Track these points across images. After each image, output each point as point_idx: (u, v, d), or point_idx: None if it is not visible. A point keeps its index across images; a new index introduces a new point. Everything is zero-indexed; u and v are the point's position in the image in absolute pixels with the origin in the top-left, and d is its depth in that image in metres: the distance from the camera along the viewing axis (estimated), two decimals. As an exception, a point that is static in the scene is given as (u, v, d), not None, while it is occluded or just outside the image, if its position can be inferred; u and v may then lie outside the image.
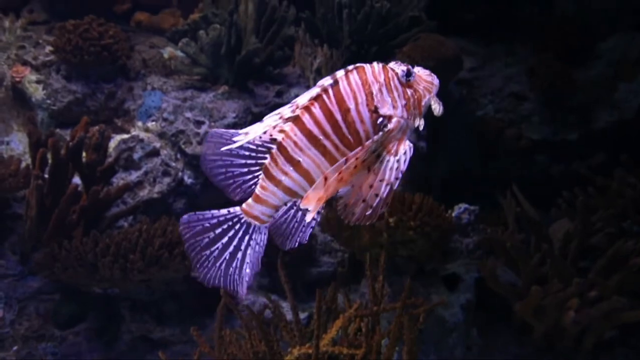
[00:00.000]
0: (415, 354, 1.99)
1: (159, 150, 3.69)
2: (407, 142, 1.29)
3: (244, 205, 1.38)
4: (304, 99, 1.26)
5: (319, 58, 3.81)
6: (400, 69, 1.30)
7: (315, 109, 1.26)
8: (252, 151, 1.33)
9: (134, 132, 3.77)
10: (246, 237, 1.39)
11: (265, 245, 1.40)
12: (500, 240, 3.18)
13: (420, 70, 1.33)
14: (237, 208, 1.39)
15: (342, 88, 1.26)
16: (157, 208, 3.64)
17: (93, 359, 3.15)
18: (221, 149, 1.32)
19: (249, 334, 2.26)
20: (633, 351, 3.14)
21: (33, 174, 3.00)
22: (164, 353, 2.18)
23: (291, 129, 1.27)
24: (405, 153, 1.28)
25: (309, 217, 1.29)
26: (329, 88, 1.26)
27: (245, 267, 1.40)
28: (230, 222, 1.39)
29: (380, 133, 1.26)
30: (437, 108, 1.34)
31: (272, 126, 1.26)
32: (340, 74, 1.27)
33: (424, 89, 1.32)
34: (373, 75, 1.28)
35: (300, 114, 1.26)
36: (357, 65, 1.29)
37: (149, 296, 3.19)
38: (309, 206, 1.25)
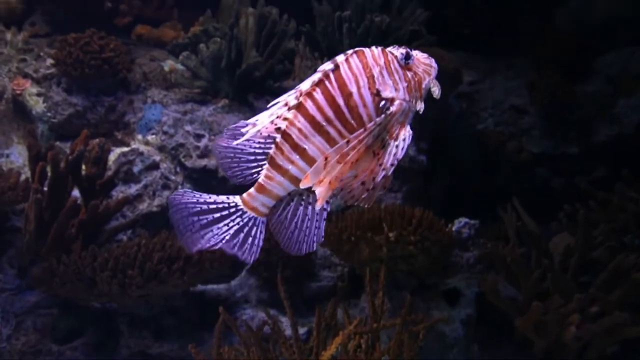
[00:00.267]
0: (415, 372, 1.97)
1: (158, 163, 3.68)
2: (408, 128, 1.27)
3: (245, 195, 1.33)
4: (306, 84, 1.25)
5: (319, 71, 3.82)
6: (399, 51, 1.28)
7: (318, 95, 1.24)
8: (260, 142, 1.31)
9: (134, 145, 3.77)
10: (244, 229, 1.34)
11: (263, 240, 1.36)
12: (501, 254, 3.16)
13: (418, 53, 1.31)
14: (237, 197, 1.35)
15: (343, 72, 1.25)
16: (157, 221, 3.63)
17: (91, 374, 3.12)
18: (231, 141, 1.32)
19: (248, 351, 2.24)
20: (635, 367, 3.11)
21: (32, 187, 3.00)
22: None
23: (294, 116, 1.25)
24: (405, 140, 1.26)
25: (318, 205, 1.24)
26: (330, 73, 1.25)
27: (245, 250, 1.36)
28: (227, 211, 1.34)
29: (382, 116, 1.25)
30: (437, 91, 1.30)
31: (278, 114, 1.26)
32: (341, 58, 1.26)
33: (424, 72, 1.30)
34: (373, 58, 1.26)
35: (302, 100, 1.25)
36: (357, 49, 1.27)
37: (147, 311, 3.17)
38: (307, 185, 1.23)
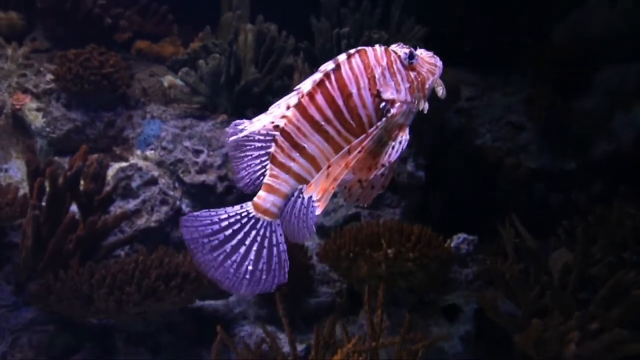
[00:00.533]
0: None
1: (157, 178, 3.69)
2: (407, 130, 1.27)
3: (255, 199, 1.31)
4: (307, 85, 1.25)
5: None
6: (403, 51, 1.27)
7: (317, 95, 1.24)
8: (262, 141, 1.31)
9: (132, 161, 3.77)
10: (258, 238, 1.32)
11: (285, 245, 1.34)
12: (500, 271, 3.16)
13: (422, 52, 1.30)
14: (248, 204, 1.33)
15: (344, 72, 1.24)
16: (155, 237, 3.63)
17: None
18: (231, 139, 1.31)
19: (246, 370, 2.22)
20: (635, 385, 3.09)
21: (30, 203, 2.99)
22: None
23: (293, 114, 1.25)
24: (401, 142, 1.25)
25: (318, 211, 1.25)
26: (331, 73, 1.24)
27: (273, 268, 1.33)
28: (240, 222, 1.31)
29: (383, 119, 1.24)
30: (441, 90, 1.29)
31: (279, 115, 1.26)
32: (342, 57, 1.25)
33: (428, 71, 1.28)
34: (375, 58, 1.25)
35: (302, 100, 1.25)
36: (359, 48, 1.27)
37: (144, 328, 3.15)
38: (311, 194, 1.24)
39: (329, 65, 1.25)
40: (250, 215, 1.31)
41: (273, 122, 1.26)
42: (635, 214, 3.46)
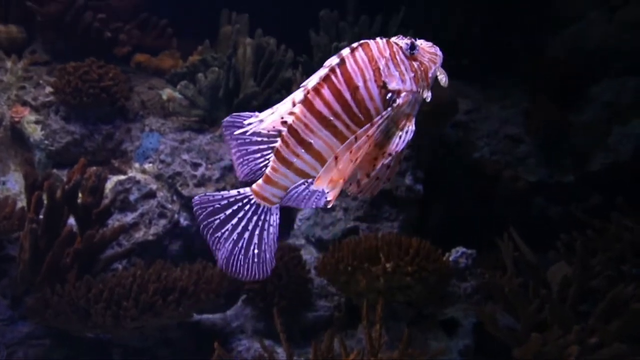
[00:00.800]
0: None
1: (155, 192, 3.68)
2: (413, 121, 1.26)
3: (254, 186, 1.36)
4: (313, 80, 1.25)
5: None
6: (404, 42, 1.28)
7: (324, 90, 1.25)
8: (265, 135, 1.33)
9: (130, 174, 3.77)
10: (254, 218, 1.37)
11: (278, 225, 1.38)
12: (499, 285, 3.15)
13: (422, 42, 1.31)
14: (247, 189, 1.37)
15: (349, 66, 1.24)
16: (153, 250, 3.62)
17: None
18: (235, 133, 1.33)
19: (243, 385, 2.20)
20: (635, 399, 3.07)
21: (28, 217, 2.99)
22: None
23: (301, 111, 1.26)
24: (407, 132, 1.25)
25: (330, 205, 1.26)
26: (336, 67, 1.25)
27: (264, 250, 1.38)
28: (240, 203, 1.37)
29: (389, 109, 1.25)
30: (443, 78, 1.30)
31: (285, 112, 1.26)
32: (346, 52, 1.26)
33: (429, 61, 1.29)
34: (378, 50, 1.26)
35: (309, 95, 1.25)
36: (362, 41, 1.27)
37: (142, 342, 3.13)
38: (321, 187, 1.24)
39: (333, 60, 1.25)
40: (250, 197, 1.37)
41: (282, 119, 1.28)
42: (634, 227, 3.46)
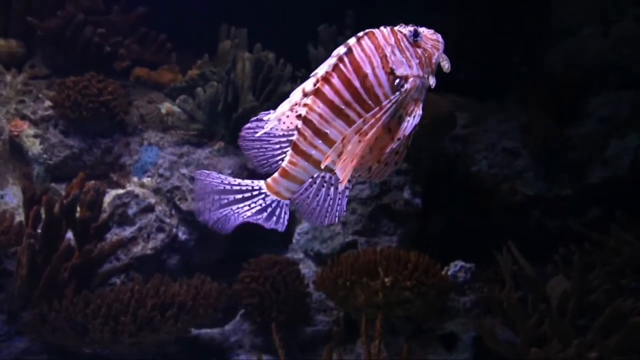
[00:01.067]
0: None
1: (153, 206, 3.68)
2: (421, 106, 1.30)
3: (269, 180, 1.37)
4: (322, 70, 1.28)
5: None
6: (407, 29, 1.31)
7: (334, 79, 1.27)
8: (283, 131, 1.34)
9: (129, 188, 3.77)
10: (265, 210, 1.39)
11: (287, 222, 1.40)
12: (498, 299, 3.14)
13: (424, 30, 1.34)
14: (261, 182, 1.38)
15: (357, 54, 1.27)
16: (151, 264, 3.61)
17: None
18: (254, 133, 1.35)
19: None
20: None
21: (25, 232, 2.98)
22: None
23: (313, 101, 1.28)
24: (414, 117, 1.29)
25: (341, 186, 1.29)
26: (344, 56, 1.27)
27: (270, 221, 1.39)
28: (250, 193, 1.39)
29: (397, 93, 1.27)
30: (446, 65, 1.33)
31: (297, 102, 1.29)
32: (353, 41, 1.28)
33: (432, 47, 1.32)
34: (384, 38, 1.29)
35: (320, 85, 1.28)
36: (367, 30, 1.30)
37: (140, 357, 3.10)
38: (329, 163, 1.27)
39: (341, 50, 1.28)
40: (262, 190, 1.38)
41: (294, 111, 1.30)
42: (632, 241, 3.46)
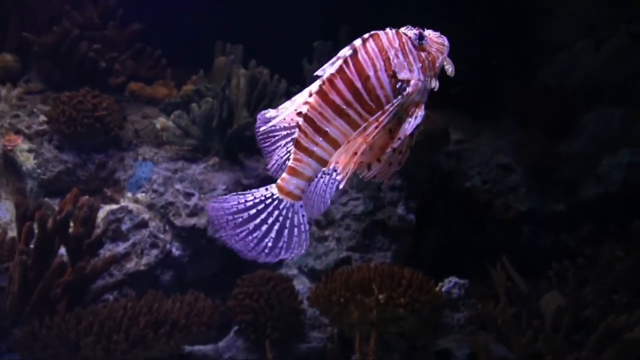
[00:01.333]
0: None
1: (147, 221, 3.67)
2: (422, 108, 1.32)
3: (279, 181, 1.38)
4: (327, 72, 1.30)
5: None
6: (413, 32, 1.33)
7: (337, 80, 1.30)
8: (287, 129, 1.37)
9: (123, 203, 3.76)
10: (280, 218, 1.39)
11: (307, 226, 1.40)
12: (492, 315, 3.14)
13: (430, 32, 1.36)
14: (272, 186, 1.39)
15: (361, 56, 1.30)
16: (144, 280, 3.59)
17: None
18: (260, 129, 1.38)
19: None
20: None
21: (18, 248, 2.96)
22: None
23: (315, 100, 1.31)
24: (417, 117, 1.31)
25: (342, 185, 1.31)
26: (349, 58, 1.30)
27: (291, 244, 1.40)
28: (264, 204, 1.39)
29: (399, 97, 1.30)
30: (450, 68, 1.36)
31: (302, 103, 1.31)
32: (358, 42, 1.31)
33: (437, 51, 1.35)
34: (388, 41, 1.31)
35: (323, 86, 1.31)
36: (372, 32, 1.32)
37: (131, 375, 3.08)
38: (333, 167, 1.29)
39: (346, 51, 1.30)
40: (274, 196, 1.38)
41: (297, 110, 1.32)
42: (625, 256, 3.47)
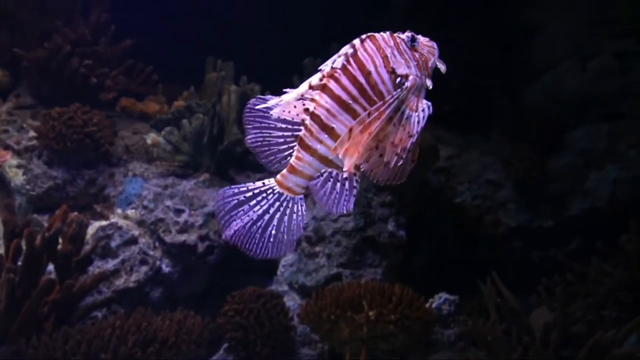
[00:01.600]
0: None
1: (137, 238, 3.66)
2: (425, 101, 1.37)
3: (279, 176, 1.42)
4: (328, 67, 1.35)
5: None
6: (405, 35, 1.41)
7: (340, 76, 1.34)
8: (289, 123, 1.40)
9: (112, 220, 3.74)
10: (277, 206, 1.43)
11: (305, 214, 1.44)
12: (482, 332, 3.15)
13: (420, 37, 1.44)
14: (272, 180, 1.43)
15: (360, 54, 1.36)
16: (133, 297, 3.56)
17: None
18: (256, 107, 1.41)
19: None
20: None
21: (5, 266, 2.93)
22: None
23: (321, 97, 1.34)
24: (424, 110, 1.36)
25: (345, 174, 1.34)
26: (350, 55, 1.35)
27: (285, 235, 1.44)
28: (264, 194, 1.43)
29: (399, 89, 1.36)
30: (443, 68, 1.43)
31: (302, 93, 1.35)
32: (357, 42, 1.37)
33: (428, 52, 1.42)
34: (384, 41, 1.38)
35: (326, 82, 1.35)
36: (369, 34, 1.39)
37: (119, 395, 3.04)
38: (335, 154, 1.33)
39: (347, 49, 1.36)
40: (275, 190, 1.43)
41: (301, 101, 1.36)
42: (613, 272, 3.51)
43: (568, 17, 4.72)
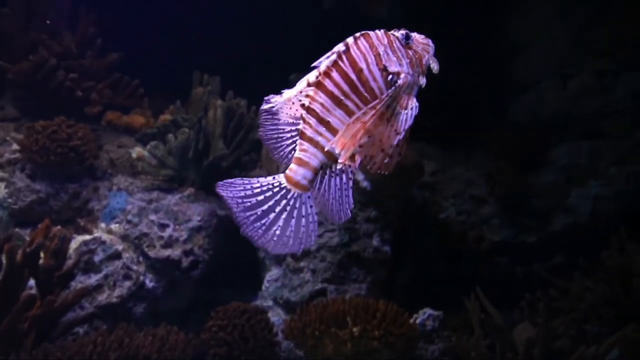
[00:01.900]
0: None
1: (121, 253, 3.62)
2: (414, 99, 1.41)
3: (287, 171, 1.44)
4: (323, 65, 1.40)
5: (285, 161, 3.92)
6: (400, 33, 1.45)
7: (333, 73, 1.40)
8: (291, 118, 1.44)
9: (96, 234, 3.71)
10: (284, 204, 1.45)
11: (316, 214, 1.45)
12: (466, 348, 3.16)
13: (416, 34, 1.47)
14: (280, 176, 1.45)
15: (353, 52, 1.40)
16: (116, 313, 3.52)
17: None
18: (264, 115, 1.46)
19: None
20: None
21: (-15, 281, 2.89)
22: None
23: (315, 92, 1.40)
24: (412, 108, 1.40)
25: (340, 165, 1.39)
26: (342, 53, 1.40)
27: (299, 234, 1.45)
28: (273, 190, 1.45)
29: (392, 88, 1.40)
30: (435, 66, 1.46)
31: (300, 90, 1.41)
32: (350, 40, 1.41)
33: (423, 50, 1.46)
34: (377, 39, 1.42)
35: (321, 78, 1.41)
36: (363, 32, 1.43)
37: (100, 413, 2.99)
38: (333, 147, 1.37)
39: (340, 47, 1.41)
40: (282, 186, 1.44)
41: (298, 98, 1.41)
42: (594, 287, 3.55)
43: (550, 37, 4.83)
